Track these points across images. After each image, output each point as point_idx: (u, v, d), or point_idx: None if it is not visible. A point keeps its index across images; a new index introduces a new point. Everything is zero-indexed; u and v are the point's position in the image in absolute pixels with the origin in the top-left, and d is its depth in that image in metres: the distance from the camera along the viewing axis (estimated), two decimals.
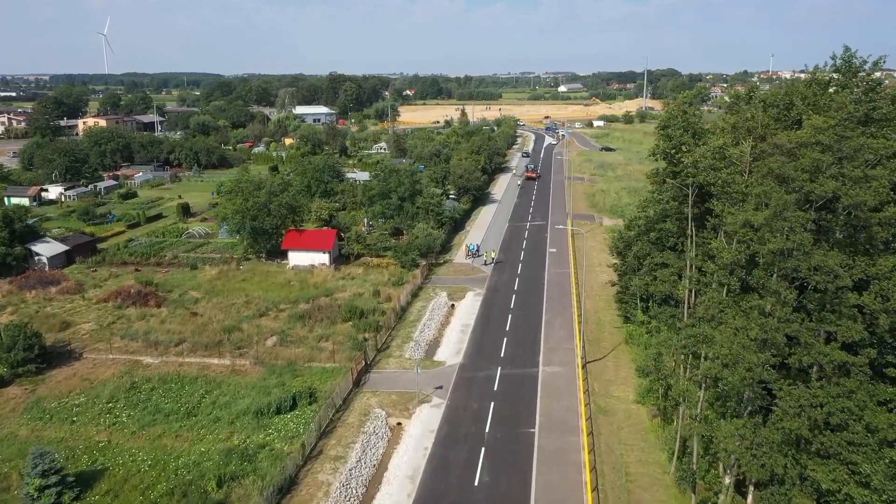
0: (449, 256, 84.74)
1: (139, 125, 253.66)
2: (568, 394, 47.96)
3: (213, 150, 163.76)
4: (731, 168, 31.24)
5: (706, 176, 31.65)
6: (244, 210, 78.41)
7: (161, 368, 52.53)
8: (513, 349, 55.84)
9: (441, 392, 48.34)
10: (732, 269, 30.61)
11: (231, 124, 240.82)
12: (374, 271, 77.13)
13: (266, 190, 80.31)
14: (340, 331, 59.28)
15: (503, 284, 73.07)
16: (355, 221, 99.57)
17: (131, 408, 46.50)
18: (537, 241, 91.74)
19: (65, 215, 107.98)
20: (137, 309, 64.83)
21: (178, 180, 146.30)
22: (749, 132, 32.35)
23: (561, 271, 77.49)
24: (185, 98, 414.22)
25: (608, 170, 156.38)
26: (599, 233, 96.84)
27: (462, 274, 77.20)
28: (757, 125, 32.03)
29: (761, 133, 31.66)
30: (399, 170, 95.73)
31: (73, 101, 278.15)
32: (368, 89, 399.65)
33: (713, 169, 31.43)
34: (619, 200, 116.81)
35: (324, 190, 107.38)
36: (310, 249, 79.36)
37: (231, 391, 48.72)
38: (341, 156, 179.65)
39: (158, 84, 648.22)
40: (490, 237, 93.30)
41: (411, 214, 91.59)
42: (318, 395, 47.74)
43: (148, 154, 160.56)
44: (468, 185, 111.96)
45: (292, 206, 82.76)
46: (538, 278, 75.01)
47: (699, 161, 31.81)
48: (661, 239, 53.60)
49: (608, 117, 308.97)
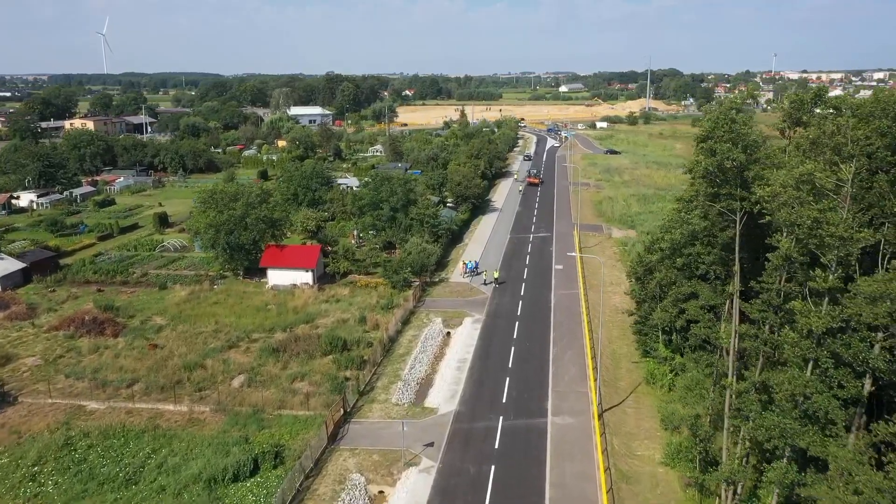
0: (445, 274, 77.07)
1: (129, 126, 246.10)
2: (583, 454, 40.33)
3: (201, 153, 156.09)
4: (825, 202, 23.56)
5: (789, 214, 23.93)
6: (218, 224, 70.77)
7: (105, 418, 44.91)
8: (517, 392, 48.22)
9: (432, 451, 40.72)
10: (821, 340, 23.03)
11: (223, 126, 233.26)
12: (361, 292, 69.51)
13: (243, 201, 72.63)
14: (319, 367, 51.66)
15: (505, 308, 65.41)
16: (344, 233, 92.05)
17: (61, 473, 38.86)
18: (542, 255, 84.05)
19: (33, 225, 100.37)
20: (91, 339, 57.23)
21: (162, 186, 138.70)
22: (836, 151, 24.79)
23: (569, 292, 69.80)
24: (181, 98, 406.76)
25: (614, 174, 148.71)
26: (609, 246, 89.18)
27: (459, 295, 69.55)
28: (846, 141, 24.40)
29: (851, 151, 24.05)
30: (391, 177, 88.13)
31: (62, 101, 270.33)
32: (367, 89, 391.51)
33: (799, 203, 23.66)
34: (628, 209, 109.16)
35: (311, 198, 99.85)
36: (291, 267, 71.73)
37: (183, 449, 41.09)
38: (335, 159, 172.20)
39: (156, 84, 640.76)
40: (490, 251, 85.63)
41: (404, 227, 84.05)
42: (285, 455, 40.16)
43: (131, 158, 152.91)
44: (467, 193, 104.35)
45: (272, 220, 75.06)
46: (544, 301, 67.34)
47: (780, 193, 24.09)
48: (689, 265, 46.01)
49: (611, 118, 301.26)
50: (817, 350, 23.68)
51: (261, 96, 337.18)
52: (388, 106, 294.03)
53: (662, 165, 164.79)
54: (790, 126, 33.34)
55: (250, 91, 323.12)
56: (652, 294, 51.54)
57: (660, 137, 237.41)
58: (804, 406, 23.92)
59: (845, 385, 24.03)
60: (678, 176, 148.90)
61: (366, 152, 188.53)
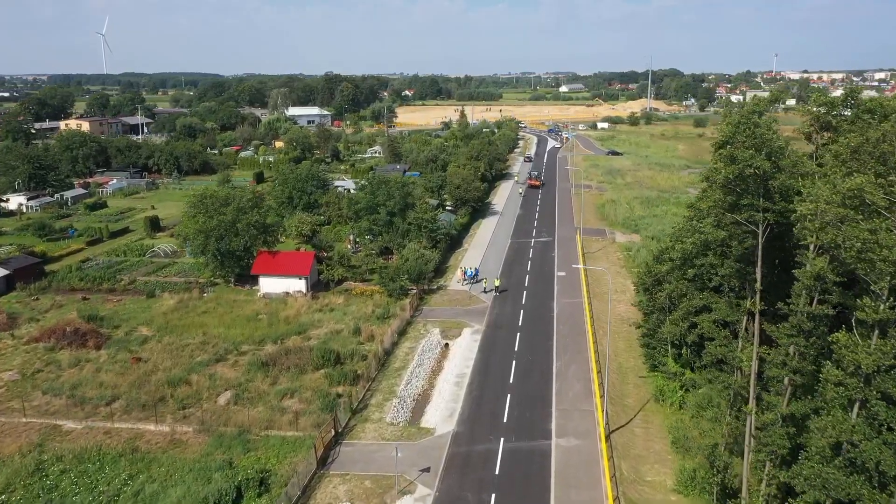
0: (444, 281, 74.43)
1: (126, 127, 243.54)
2: (590, 480, 37.69)
3: (196, 154, 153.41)
4: (877, 221, 20.76)
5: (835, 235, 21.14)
6: (208, 229, 68.15)
7: (81, 438, 42.28)
8: (518, 411, 45.58)
9: (428, 477, 38.08)
10: (870, 378, 20.39)
11: (220, 126, 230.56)
12: (356, 301, 66.88)
13: (234, 206, 69.99)
14: (310, 383, 49.02)
15: (506, 318, 62.80)
16: (340, 238, 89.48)
17: (29, 502, 36.24)
18: (544, 261, 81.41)
19: (21, 229, 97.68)
20: (73, 351, 54.60)
21: (156, 188, 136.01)
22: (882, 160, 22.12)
23: (572, 301, 67.18)
24: (179, 98, 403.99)
25: (616, 176, 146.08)
26: (613, 251, 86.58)
27: (458, 304, 66.92)
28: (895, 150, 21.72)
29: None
30: (389, 180, 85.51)
31: (59, 101, 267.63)
32: (366, 90, 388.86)
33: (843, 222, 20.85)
34: (631, 212, 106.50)
35: (307, 202, 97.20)
36: (284, 275, 69.12)
37: (163, 475, 38.44)
38: (333, 160, 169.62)
39: (156, 84, 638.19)
40: (490, 257, 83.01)
41: (402, 231, 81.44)
42: (271, 482, 37.56)
43: (126, 159, 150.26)
44: (466, 197, 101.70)
45: (264, 225, 72.42)
46: (546, 310, 64.72)
47: (825, 211, 21.28)
48: (700, 276, 43.40)
49: (613, 119, 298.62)
50: (865, 390, 20.99)
51: (259, 97, 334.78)
52: (387, 106, 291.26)
53: (665, 167, 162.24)
54: (817, 130, 30.68)
55: (248, 91, 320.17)
56: (661, 306, 48.92)
57: (662, 138, 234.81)
58: (850, 455, 21.24)
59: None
60: (681, 178, 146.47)
61: (364, 153, 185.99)
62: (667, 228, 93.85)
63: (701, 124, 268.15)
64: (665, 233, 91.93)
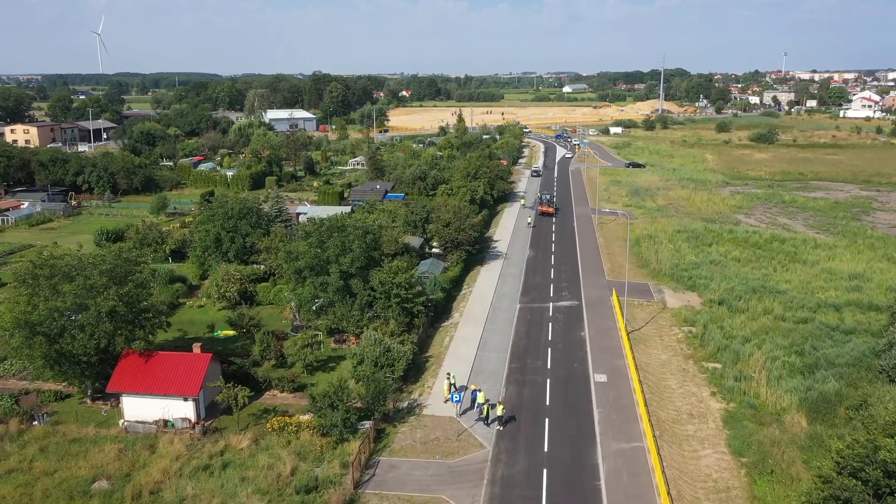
0: (419, 392, 48.30)
1: (83, 133, 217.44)
2: None
3: (137, 169, 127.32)
4: None
5: None
6: (32, 323, 42.11)
7: None
8: None
9: None
10: None
11: (186, 132, 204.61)
12: (272, 441, 40.83)
13: (80, 283, 43.71)
14: None
15: (517, 489, 36.66)
16: (281, 301, 63.58)
17: None
18: (570, 351, 54.96)
19: None
20: None
21: (77, 214, 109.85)
22: None
23: (627, 447, 40.73)
24: (161, 99, 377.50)
25: (645, 197, 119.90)
26: (667, 325, 60.42)
27: (437, 451, 40.64)
28: None
29: None
30: (345, 227, 59.44)
31: (13, 104, 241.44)
32: (358, 90, 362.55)
33: None
34: (679, 256, 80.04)
35: (241, 246, 71.17)
36: (159, 394, 43.10)
37: None
38: (306, 175, 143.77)
39: (149, 84, 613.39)
40: (491, 342, 56.78)
41: (363, 303, 55.57)
42: None
43: (50, 175, 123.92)
44: (459, 238, 75.51)
45: (137, 308, 46.17)
46: (584, 467, 38.52)
47: None
48: None
49: (625, 122, 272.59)
50: None
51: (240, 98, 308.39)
52: (377, 109, 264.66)
53: (700, 183, 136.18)
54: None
55: (227, 92, 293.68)
56: None
57: (684, 145, 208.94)
58: None
59: None
60: (725, 200, 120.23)
61: (346, 165, 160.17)
62: (736, 286, 67.94)
63: (724, 129, 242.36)
64: (734, 292, 66.19)
